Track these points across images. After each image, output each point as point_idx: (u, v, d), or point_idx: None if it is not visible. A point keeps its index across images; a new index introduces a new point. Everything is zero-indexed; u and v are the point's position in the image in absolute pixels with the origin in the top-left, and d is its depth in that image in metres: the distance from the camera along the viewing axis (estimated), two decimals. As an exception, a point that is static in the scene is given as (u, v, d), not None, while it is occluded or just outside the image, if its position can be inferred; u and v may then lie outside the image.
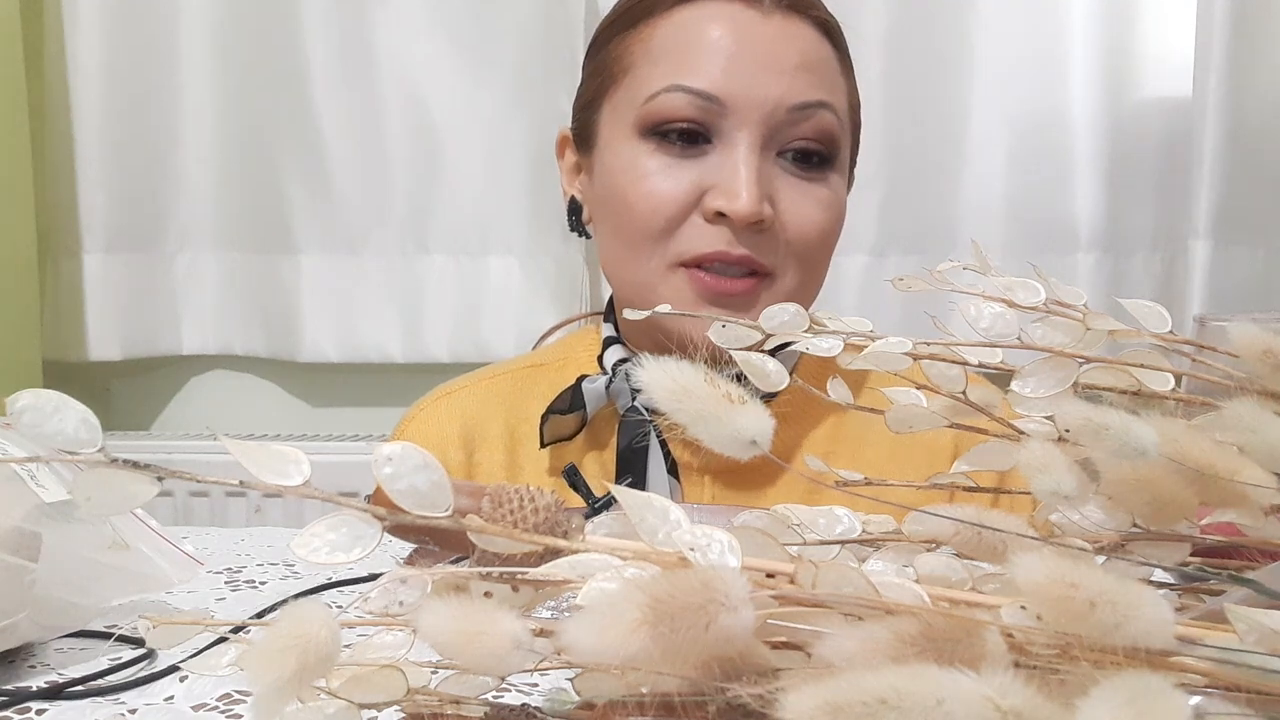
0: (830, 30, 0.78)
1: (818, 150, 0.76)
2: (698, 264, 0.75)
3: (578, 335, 0.91)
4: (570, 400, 0.79)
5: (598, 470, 0.81)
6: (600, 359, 0.83)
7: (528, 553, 0.32)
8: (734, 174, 0.73)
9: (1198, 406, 0.39)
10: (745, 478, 0.79)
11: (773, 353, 0.40)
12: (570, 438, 0.80)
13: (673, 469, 0.77)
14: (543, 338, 1.03)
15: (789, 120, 0.75)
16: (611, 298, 0.86)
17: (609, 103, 0.79)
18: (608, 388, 0.79)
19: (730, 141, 0.75)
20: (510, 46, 1.46)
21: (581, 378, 0.80)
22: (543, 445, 0.80)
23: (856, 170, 0.86)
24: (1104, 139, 1.41)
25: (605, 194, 0.79)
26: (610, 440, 0.80)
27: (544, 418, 0.80)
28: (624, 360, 0.80)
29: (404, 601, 0.31)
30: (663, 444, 0.77)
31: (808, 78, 0.75)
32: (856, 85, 0.82)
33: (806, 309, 0.86)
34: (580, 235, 0.86)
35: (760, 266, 0.75)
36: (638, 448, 0.77)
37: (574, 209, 0.84)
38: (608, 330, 0.84)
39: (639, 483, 0.77)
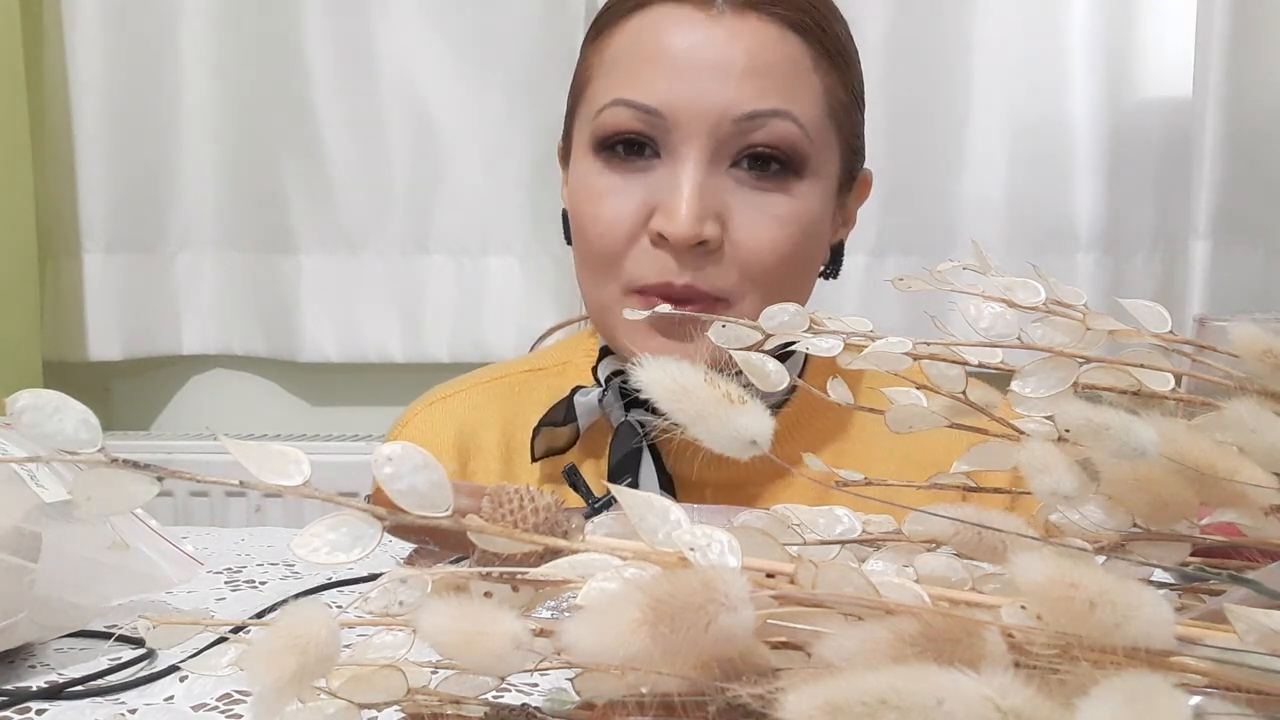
0: (799, 26, 0.72)
1: (776, 158, 0.71)
2: (647, 292, 0.71)
3: (577, 338, 0.89)
4: (564, 413, 0.77)
5: (594, 479, 0.79)
6: (595, 370, 0.80)
7: (528, 553, 0.32)
8: (675, 192, 0.70)
9: (1198, 406, 0.39)
10: (746, 491, 0.77)
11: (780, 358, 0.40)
12: (563, 450, 0.78)
13: (667, 484, 0.75)
14: (540, 339, 1.02)
15: (737, 130, 0.70)
16: None
17: (577, 116, 0.78)
18: (600, 400, 0.77)
19: (676, 156, 0.71)
20: (510, 47, 1.46)
21: (574, 390, 0.78)
22: (534, 459, 0.78)
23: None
24: (1104, 139, 1.41)
25: (572, 214, 0.77)
26: (604, 453, 0.78)
27: (536, 430, 0.78)
28: (618, 373, 0.78)
29: (404, 601, 0.31)
30: (656, 459, 0.75)
31: (759, 83, 0.70)
32: (847, 82, 0.76)
33: None
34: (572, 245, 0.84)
35: (704, 296, 0.71)
36: (629, 463, 0.75)
37: (566, 220, 0.82)
38: (603, 340, 0.81)
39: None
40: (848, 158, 0.77)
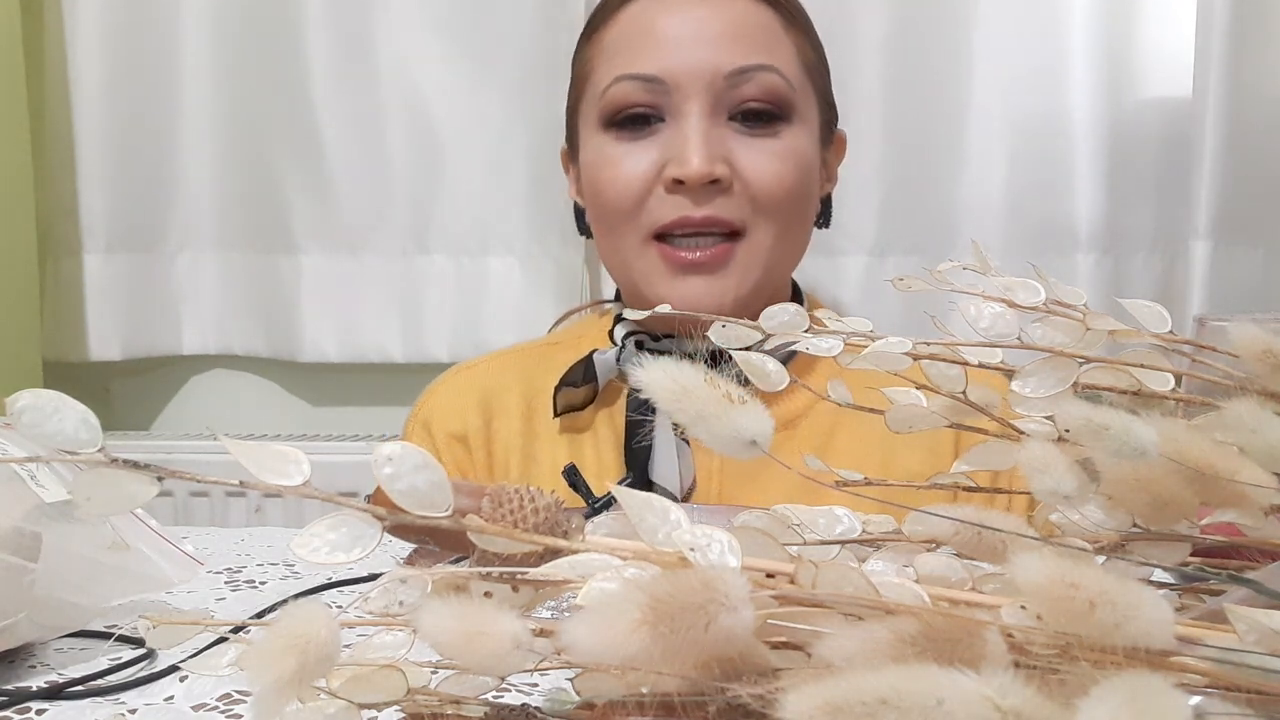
0: None
1: (766, 109, 0.80)
2: (667, 233, 0.80)
3: (592, 319, 0.96)
4: (583, 372, 0.84)
5: (610, 435, 0.85)
6: (611, 333, 0.87)
7: (528, 553, 0.32)
8: (684, 142, 0.78)
9: (1198, 406, 0.39)
10: None
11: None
12: (582, 407, 0.85)
13: (682, 433, 0.79)
14: (558, 322, 1.05)
15: (730, 84, 0.79)
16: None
17: (582, 105, 0.86)
18: (618, 359, 0.83)
19: (679, 114, 0.80)
20: (510, 47, 1.46)
21: (593, 351, 0.85)
22: (556, 414, 0.85)
23: (857, 169, 0.88)
24: (1104, 139, 1.40)
25: (587, 188, 0.85)
26: (620, 405, 0.85)
27: (557, 389, 0.84)
28: (633, 333, 0.85)
29: (404, 601, 0.31)
30: None
31: (743, 44, 0.80)
32: (814, 40, 0.86)
33: (792, 265, 0.89)
34: (588, 236, 0.90)
35: (726, 223, 0.79)
36: (644, 433, 0.81)
37: (579, 212, 0.90)
38: (619, 308, 0.89)
39: (646, 449, 0.80)
40: (824, 110, 0.87)
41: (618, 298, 0.92)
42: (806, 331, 0.41)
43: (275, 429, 1.55)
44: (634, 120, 0.81)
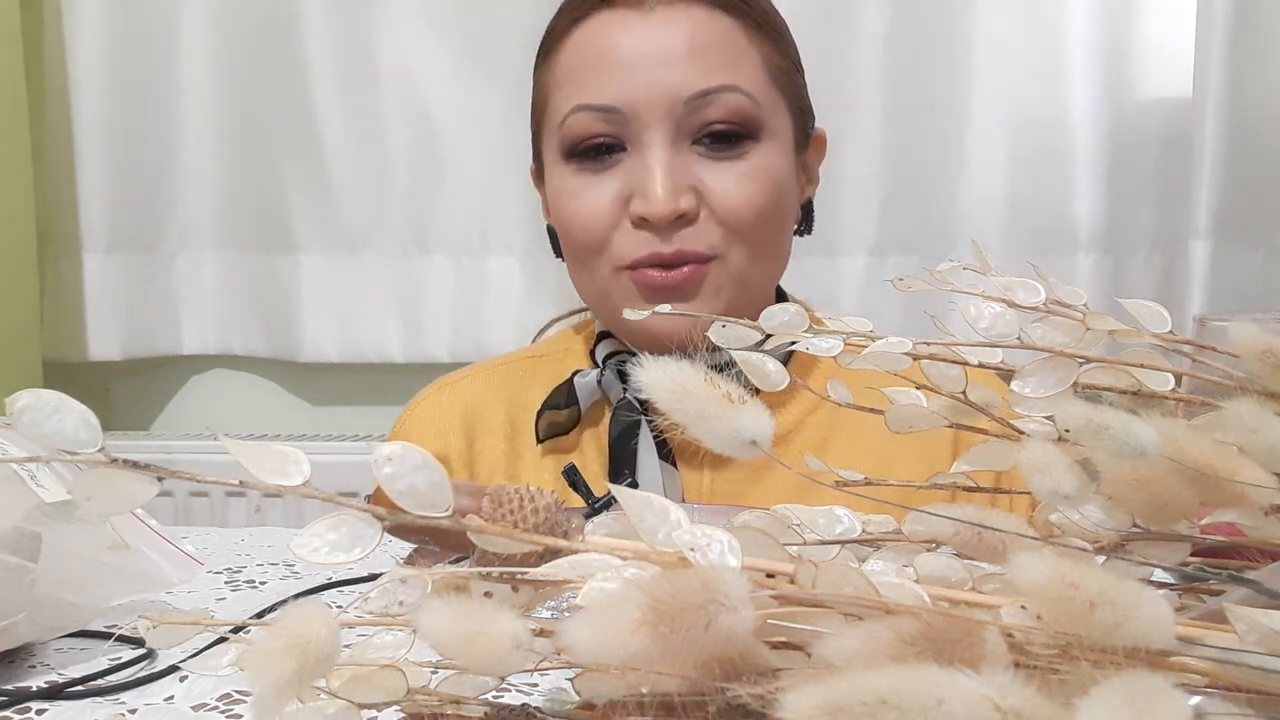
0: (726, 5, 0.77)
1: (731, 130, 0.76)
2: (637, 266, 0.77)
3: (578, 328, 0.93)
4: (565, 396, 0.81)
5: (596, 456, 0.83)
6: (592, 353, 0.85)
7: (528, 553, 0.32)
8: (646, 176, 0.75)
9: (1198, 406, 0.39)
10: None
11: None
12: (566, 431, 0.82)
13: (668, 455, 0.79)
14: (542, 331, 1.04)
15: (690, 109, 0.75)
16: None
17: (543, 133, 0.83)
18: (599, 382, 0.81)
19: (641, 144, 0.76)
20: (510, 47, 1.46)
21: (574, 374, 0.82)
22: (539, 441, 0.83)
23: (857, 169, 0.87)
24: (1104, 139, 1.40)
25: (555, 219, 0.83)
26: (602, 426, 0.82)
27: (539, 414, 0.82)
28: (614, 354, 0.83)
29: (404, 601, 0.31)
30: (654, 429, 0.78)
31: (703, 62, 0.75)
32: (785, 45, 0.81)
33: (769, 285, 0.87)
34: (563, 259, 0.87)
35: (696, 255, 0.76)
36: (629, 438, 0.79)
37: (553, 234, 0.87)
38: (600, 325, 0.87)
39: (631, 471, 0.79)
40: (798, 118, 0.82)
41: None
42: (806, 331, 0.41)
43: (275, 429, 1.55)
44: (595, 150, 0.77)
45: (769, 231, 0.79)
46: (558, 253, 0.87)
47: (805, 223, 0.87)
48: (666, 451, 0.79)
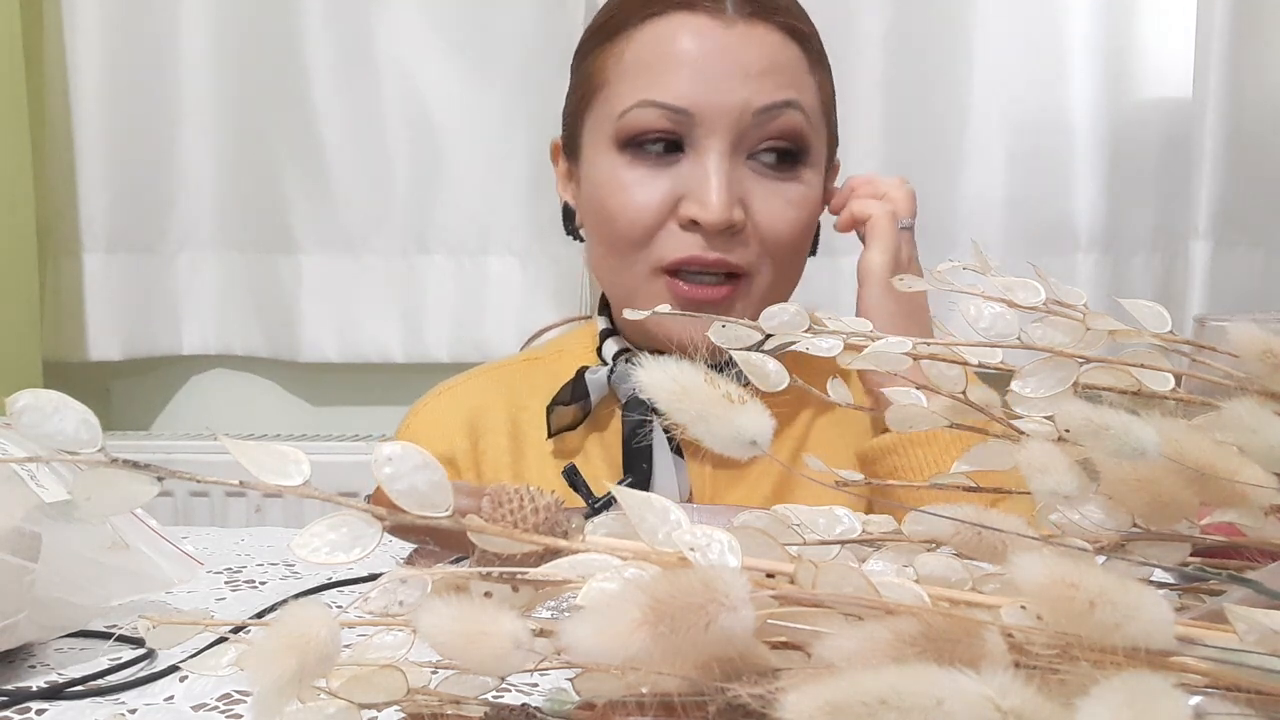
0: (796, 33, 0.80)
1: (788, 149, 0.79)
2: (676, 269, 0.78)
3: (571, 333, 0.94)
4: (572, 391, 0.83)
5: (601, 455, 0.84)
6: (599, 351, 0.86)
7: (528, 553, 0.32)
8: (705, 182, 0.76)
9: (1198, 406, 0.39)
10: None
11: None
12: (573, 427, 0.84)
13: (677, 449, 0.81)
14: (531, 339, 1.05)
15: (756, 123, 0.77)
16: (604, 294, 0.89)
17: (590, 115, 0.83)
18: (609, 378, 0.83)
19: (701, 149, 0.77)
20: (510, 47, 1.46)
21: (583, 369, 0.83)
22: (549, 435, 0.84)
23: (856, 169, 0.87)
24: (1104, 139, 1.40)
25: (590, 204, 0.83)
26: (613, 427, 0.84)
27: (549, 409, 0.83)
28: (624, 351, 0.84)
29: (404, 601, 0.31)
30: (666, 425, 0.79)
31: (773, 80, 0.78)
32: (830, 83, 0.84)
33: (783, 300, 0.90)
34: (575, 239, 0.89)
35: (735, 268, 0.78)
36: (643, 435, 0.81)
37: (568, 214, 0.88)
38: (603, 323, 0.88)
39: (646, 468, 0.80)
40: (831, 146, 0.86)
41: (603, 309, 0.89)
42: (806, 331, 0.41)
43: (275, 429, 1.55)
44: (653, 145, 0.78)
45: (797, 257, 0.82)
46: (569, 230, 0.88)
47: (813, 244, 0.88)
48: (675, 445, 0.81)
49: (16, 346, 1.44)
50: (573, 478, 0.71)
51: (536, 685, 0.43)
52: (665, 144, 0.78)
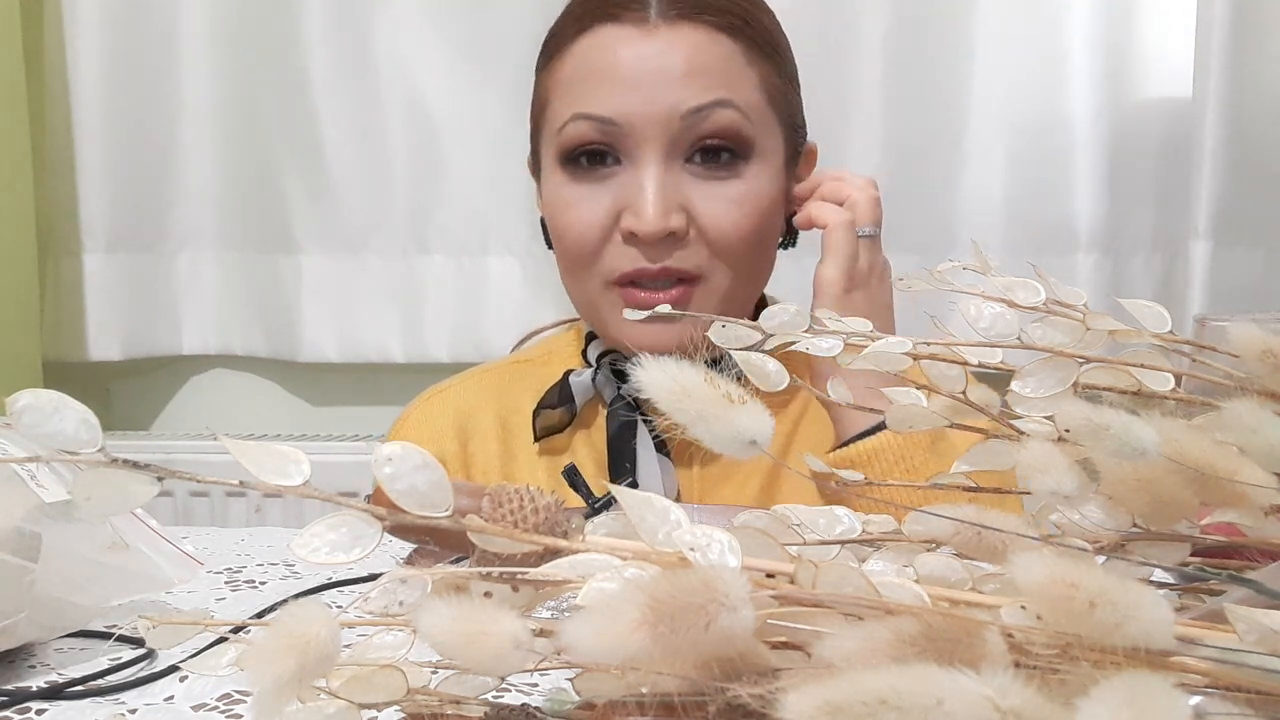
0: (728, 28, 0.79)
1: (725, 147, 0.78)
2: (627, 281, 0.79)
3: (559, 336, 0.95)
4: (558, 395, 0.84)
5: (589, 455, 0.85)
6: (584, 354, 0.87)
7: (528, 553, 0.32)
8: (639, 192, 0.77)
9: (1198, 406, 0.39)
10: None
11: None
12: (560, 429, 0.85)
13: (662, 447, 0.82)
14: (521, 341, 1.05)
15: (687, 125, 0.77)
16: None
17: (542, 135, 0.85)
18: (594, 380, 0.84)
19: (636, 159, 0.78)
20: (510, 47, 1.46)
21: (568, 373, 0.85)
22: (536, 439, 0.85)
23: (856, 169, 0.87)
24: (1104, 139, 1.40)
25: (549, 224, 0.84)
26: (599, 428, 0.85)
27: (535, 413, 0.85)
28: (607, 353, 0.85)
29: (404, 601, 0.31)
30: (650, 426, 0.81)
31: (700, 81, 0.77)
32: (783, 64, 0.83)
33: (750, 302, 0.90)
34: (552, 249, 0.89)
35: (683, 274, 0.78)
36: (628, 435, 0.81)
37: (545, 228, 0.88)
38: (589, 327, 0.88)
39: (631, 466, 0.81)
40: (790, 137, 0.84)
41: None
42: (806, 331, 0.41)
43: (275, 429, 1.55)
44: (590, 157, 0.79)
45: (753, 255, 0.81)
46: (549, 243, 0.89)
47: (789, 236, 0.88)
48: (662, 447, 0.82)
49: (16, 346, 1.44)
50: (573, 478, 0.71)
51: (536, 685, 0.43)
52: (597, 155, 0.79)
